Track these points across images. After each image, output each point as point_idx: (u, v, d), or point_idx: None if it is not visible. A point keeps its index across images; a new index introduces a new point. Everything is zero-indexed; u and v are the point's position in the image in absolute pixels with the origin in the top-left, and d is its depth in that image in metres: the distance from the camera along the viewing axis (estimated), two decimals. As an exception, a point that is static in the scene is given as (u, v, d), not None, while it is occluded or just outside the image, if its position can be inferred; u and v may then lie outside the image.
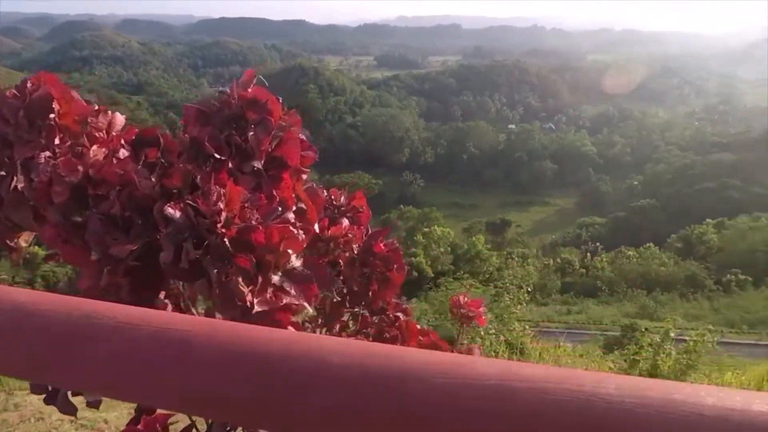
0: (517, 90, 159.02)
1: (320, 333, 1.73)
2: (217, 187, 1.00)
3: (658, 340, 4.04)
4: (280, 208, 1.11)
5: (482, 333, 3.77)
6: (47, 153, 1.09)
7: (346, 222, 1.62)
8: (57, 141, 1.13)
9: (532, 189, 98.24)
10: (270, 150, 1.20)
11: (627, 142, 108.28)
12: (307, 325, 1.82)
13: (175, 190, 1.07)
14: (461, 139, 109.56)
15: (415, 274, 41.40)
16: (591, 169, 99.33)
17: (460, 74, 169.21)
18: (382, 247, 1.54)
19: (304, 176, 1.30)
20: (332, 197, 1.72)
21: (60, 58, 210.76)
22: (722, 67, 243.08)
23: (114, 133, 1.23)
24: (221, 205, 0.98)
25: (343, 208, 1.71)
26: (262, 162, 1.17)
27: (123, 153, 1.16)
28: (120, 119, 1.30)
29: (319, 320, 1.66)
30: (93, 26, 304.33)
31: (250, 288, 0.95)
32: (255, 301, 0.94)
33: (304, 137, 1.30)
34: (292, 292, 0.99)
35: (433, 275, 41.92)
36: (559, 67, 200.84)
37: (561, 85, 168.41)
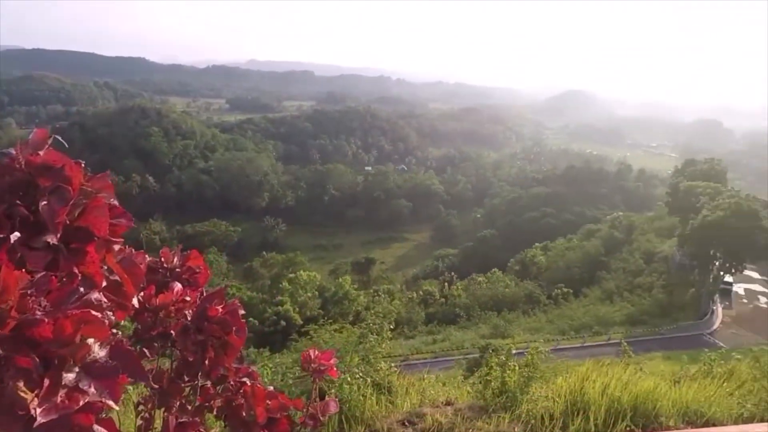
0: (371, 134, 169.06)
1: (157, 414, 1.56)
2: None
3: (503, 358, 4.47)
4: (82, 288, 0.94)
5: (349, 378, 3.73)
6: None
7: (178, 286, 1.48)
8: None
9: (391, 226, 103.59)
10: (70, 221, 1.00)
11: (468, 179, 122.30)
12: (141, 407, 1.62)
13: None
14: (321, 181, 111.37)
15: (282, 323, 39.80)
16: (441, 205, 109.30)
17: (315, 119, 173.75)
18: (219, 310, 1.39)
19: (117, 246, 1.11)
20: (163, 259, 1.57)
21: None
22: (534, 116, 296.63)
23: None
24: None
25: (176, 270, 1.57)
26: (58, 235, 0.97)
27: None
28: None
29: (155, 400, 1.49)
30: None
31: (34, 393, 0.78)
32: (38, 409, 0.77)
33: (115, 203, 1.12)
34: (92, 390, 0.82)
35: (302, 322, 40.79)
36: (406, 113, 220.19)
37: (409, 129, 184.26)
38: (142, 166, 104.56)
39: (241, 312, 1.43)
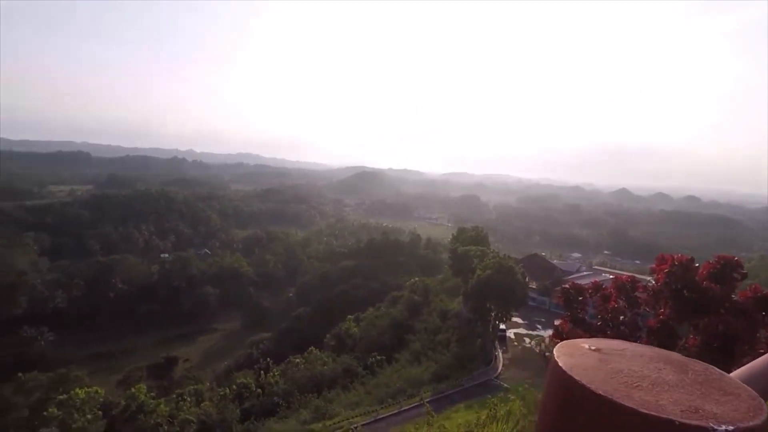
0: (166, 219, 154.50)
1: None
2: None
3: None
4: None
5: None
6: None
7: None
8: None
9: (196, 318, 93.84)
10: None
11: (277, 258, 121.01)
12: None
13: None
14: (104, 275, 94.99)
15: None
16: (251, 288, 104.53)
17: (94, 204, 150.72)
18: None
19: None
20: None
21: None
22: (332, 195, 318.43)
23: None
24: None
25: None
26: None
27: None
28: None
29: None
30: None
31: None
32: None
33: None
34: None
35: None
36: (206, 195, 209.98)
37: (210, 212, 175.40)
38: None
39: None
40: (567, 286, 13.81)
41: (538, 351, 47.71)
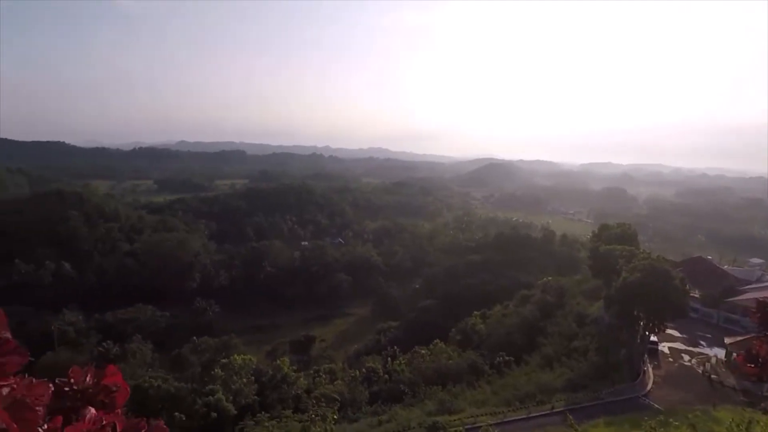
0: (306, 210, 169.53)
1: None
2: None
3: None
4: None
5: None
6: None
7: (91, 412, 1.26)
8: None
9: (331, 301, 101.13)
10: None
11: (405, 250, 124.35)
12: None
13: None
14: (257, 258, 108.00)
15: (214, 415, 36.20)
16: (380, 277, 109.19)
17: (249, 196, 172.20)
18: None
19: (5, 389, 0.95)
20: (72, 380, 1.34)
21: None
22: (459, 188, 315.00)
23: None
24: None
25: (90, 391, 1.35)
26: None
27: None
28: None
29: None
30: None
31: None
32: None
33: (8, 336, 1.00)
34: None
35: (236, 412, 37.41)
36: (341, 188, 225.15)
37: (343, 204, 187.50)
38: (58, 253, 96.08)
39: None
40: (765, 298, 11.30)
41: (701, 372, 40.70)
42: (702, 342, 48.68)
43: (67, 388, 1.28)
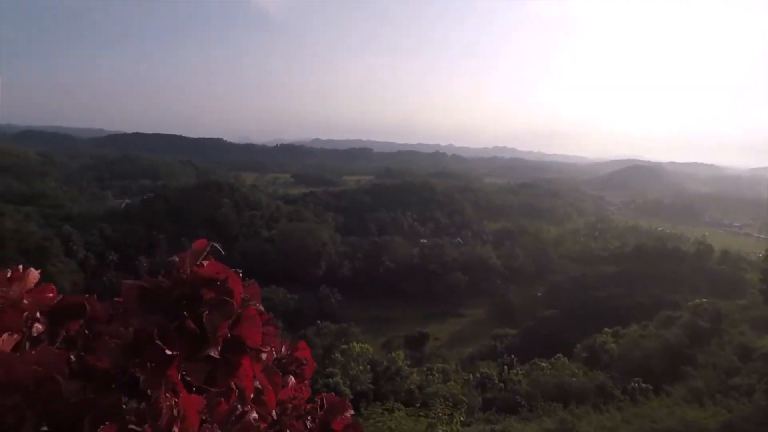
0: (427, 207, 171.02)
1: None
2: (167, 396, 0.79)
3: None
4: (239, 406, 0.92)
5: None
6: None
7: (292, 380, 1.39)
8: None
9: (447, 300, 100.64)
10: (227, 333, 0.98)
11: (527, 254, 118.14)
12: None
13: (102, 378, 0.82)
14: (378, 253, 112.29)
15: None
16: (498, 280, 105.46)
17: (374, 192, 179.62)
18: (342, 427, 1.28)
19: (264, 355, 1.06)
20: (273, 350, 1.43)
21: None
22: (594, 191, 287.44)
23: (27, 301, 0.94)
24: (176, 430, 0.77)
25: (284, 360, 1.46)
26: (219, 349, 0.96)
27: (37, 327, 0.93)
28: (33, 277, 1.02)
29: None
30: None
31: None
32: None
33: (262, 309, 1.11)
34: None
35: (352, 396, 39.19)
36: (462, 187, 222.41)
37: (464, 203, 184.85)
38: (214, 236, 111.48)
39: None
40: None
41: None
42: None
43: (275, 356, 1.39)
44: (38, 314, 0.93)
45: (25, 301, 0.95)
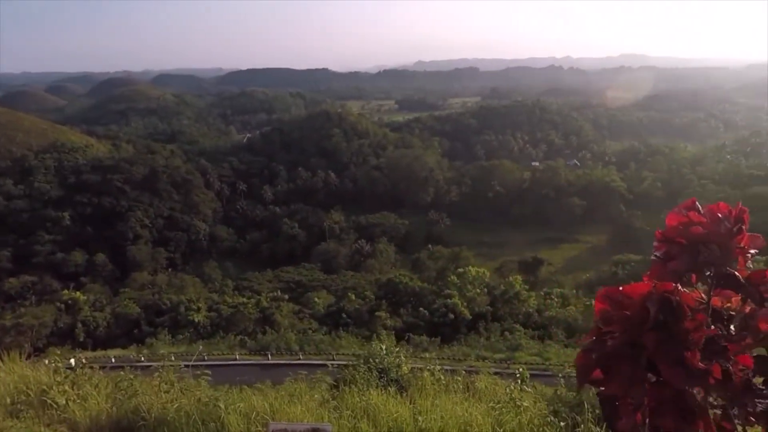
0: (539, 128, 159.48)
1: None
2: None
3: None
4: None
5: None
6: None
7: None
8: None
9: (560, 226, 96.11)
10: None
11: (657, 176, 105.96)
12: None
13: None
14: (485, 177, 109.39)
15: (451, 316, 40.23)
16: (621, 205, 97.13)
17: (480, 115, 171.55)
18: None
19: None
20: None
21: (100, 112, 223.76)
22: (749, 100, 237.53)
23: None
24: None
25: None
26: None
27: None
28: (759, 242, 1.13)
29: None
30: (130, 82, 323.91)
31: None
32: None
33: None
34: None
35: (470, 317, 40.60)
36: (579, 104, 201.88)
37: (583, 122, 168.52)
38: (326, 164, 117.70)
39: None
40: None
41: None
42: None
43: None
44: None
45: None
